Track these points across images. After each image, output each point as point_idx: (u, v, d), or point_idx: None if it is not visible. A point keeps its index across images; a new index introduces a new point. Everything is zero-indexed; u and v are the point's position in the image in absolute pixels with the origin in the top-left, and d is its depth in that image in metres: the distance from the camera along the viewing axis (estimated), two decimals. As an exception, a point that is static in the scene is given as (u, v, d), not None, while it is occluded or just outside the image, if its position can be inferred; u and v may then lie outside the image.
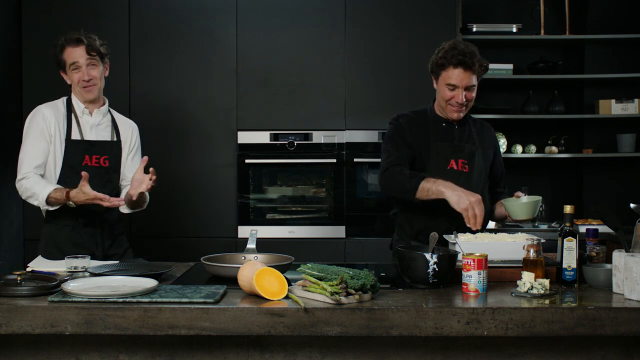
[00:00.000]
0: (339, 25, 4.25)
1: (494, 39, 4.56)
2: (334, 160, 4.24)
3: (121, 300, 2.00)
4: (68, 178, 2.86)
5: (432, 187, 2.61)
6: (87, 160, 2.89)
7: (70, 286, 2.08)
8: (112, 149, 2.98)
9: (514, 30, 4.55)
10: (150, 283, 2.14)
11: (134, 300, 2.01)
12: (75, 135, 2.91)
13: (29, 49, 4.22)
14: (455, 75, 2.70)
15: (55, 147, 2.87)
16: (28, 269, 2.47)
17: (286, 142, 4.24)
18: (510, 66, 4.58)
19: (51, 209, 2.83)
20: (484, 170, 2.84)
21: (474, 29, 4.50)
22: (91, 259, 2.76)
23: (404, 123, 2.86)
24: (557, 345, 2.09)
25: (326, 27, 4.25)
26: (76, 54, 2.88)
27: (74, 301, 2.00)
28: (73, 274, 2.39)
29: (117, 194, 2.98)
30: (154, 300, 2.01)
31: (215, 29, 4.25)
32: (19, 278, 2.14)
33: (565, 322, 1.96)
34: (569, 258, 2.26)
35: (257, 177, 4.28)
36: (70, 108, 2.94)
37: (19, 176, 2.85)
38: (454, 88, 2.72)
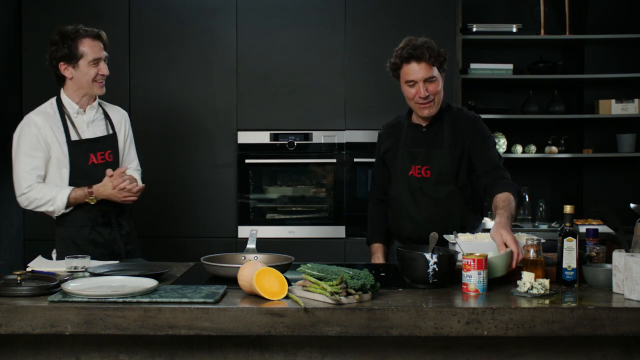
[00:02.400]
0: (339, 25, 4.25)
1: (494, 39, 4.57)
2: (334, 160, 4.24)
3: (121, 300, 2.01)
4: (78, 180, 2.85)
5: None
6: (92, 158, 2.88)
7: (70, 286, 2.08)
8: (112, 142, 2.96)
9: (514, 30, 4.55)
10: (150, 283, 2.14)
11: (134, 300, 2.01)
12: (73, 137, 2.87)
13: (29, 49, 4.22)
14: (410, 70, 2.67)
15: (57, 153, 2.83)
16: (28, 269, 2.47)
17: (286, 142, 4.24)
18: (510, 66, 4.58)
19: (65, 211, 2.83)
20: (449, 172, 2.74)
21: (474, 29, 4.50)
22: (113, 257, 2.85)
23: (382, 133, 2.97)
24: (557, 345, 2.09)
25: (326, 27, 4.25)
26: (97, 48, 2.84)
27: (74, 301, 2.00)
28: (73, 274, 2.39)
29: None
30: (154, 300, 2.01)
31: (215, 29, 4.25)
32: (19, 278, 2.14)
33: (565, 322, 1.96)
34: (569, 258, 2.25)
35: (257, 177, 4.28)
36: (61, 109, 2.88)
37: (22, 189, 2.80)
38: (414, 84, 2.68)
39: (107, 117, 2.99)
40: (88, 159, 2.87)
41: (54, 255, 2.92)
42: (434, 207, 2.76)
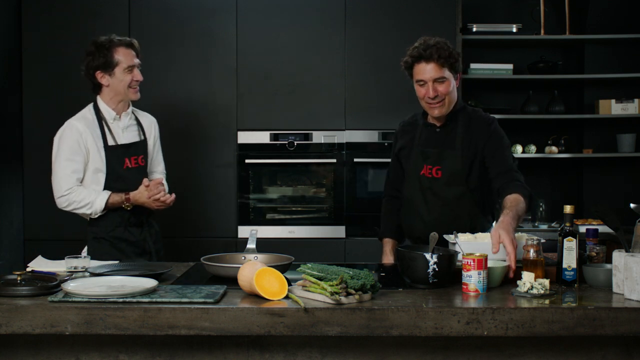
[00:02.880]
0: (339, 25, 4.25)
1: (494, 39, 4.57)
2: (334, 160, 4.23)
3: (121, 300, 2.01)
4: (113, 183, 2.98)
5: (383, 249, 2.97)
6: (127, 162, 3.02)
7: (70, 286, 2.08)
8: (143, 147, 3.10)
9: (514, 30, 4.55)
10: (150, 283, 2.14)
11: (134, 300, 2.01)
12: (110, 142, 3.00)
13: (29, 49, 4.22)
14: (420, 70, 2.69)
15: (95, 158, 2.96)
16: (28, 269, 2.47)
17: (286, 142, 4.24)
18: (510, 66, 4.58)
19: (101, 214, 2.96)
20: (460, 174, 2.74)
21: (474, 29, 4.50)
22: (144, 255, 3.00)
23: (398, 131, 2.98)
24: (557, 345, 2.09)
25: (326, 27, 4.25)
26: (131, 56, 3.00)
27: (74, 301, 2.00)
28: (73, 274, 2.39)
29: None
30: (154, 300, 2.01)
31: (215, 29, 4.25)
32: (19, 278, 2.14)
33: (565, 322, 1.96)
34: (569, 258, 2.25)
35: (257, 177, 4.28)
36: (98, 115, 3.02)
37: (62, 191, 2.93)
38: (423, 84, 2.69)
39: (138, 123, 3.13)
40: (123, 163, 3.01)
41: (83, 254, 2.95)
42: (443, 208, 2.77)
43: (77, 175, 2.94)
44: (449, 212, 2.76)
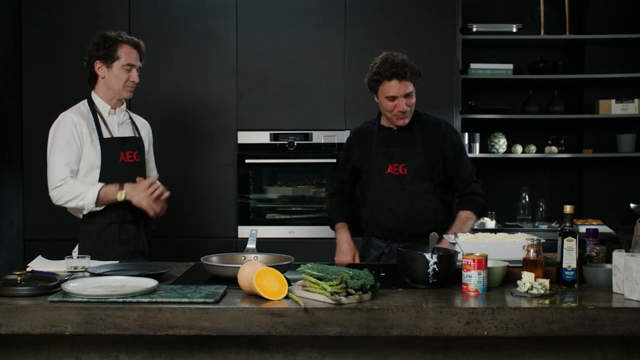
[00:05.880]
0: (339, 25, 4.25)
1: (494, 39, 4.56)
2: (334, 160, 4.23)
3: (121, 300, 2.01)
4: (108, 175, 2.93)
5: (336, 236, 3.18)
6: (122, 156, 2.98)
7: (70, 286, 2.08)
8: (139, 144, 3.08)
9: (514, 30, 4.55)
10: (150, 283, 2.14)
11: (134, 300, 2.01)
12: (106, 134, 2.97)
13: (29, 49, 4.22)
14: (392, 87, 2.87)
15: (89, 152, 2.92)
16: (28, 269, 2.48)
17: (286, 142, 4.24)
18: (510, 66, 4.58)
19: (95, 208, 2.89)
20: (424, 169, 2.98)
21: (474, 29, 4.50)
22: (137, 255, 2.94)
23: (352, 138, 3.17)
24: (557, 345, 2.09)
25: (326, 27, 4.25)
26: (134, 56, 2.98)
27: (74, 301, 2.00)
28: (73, 274, 2.39)
29: None
30: (154, 300, 2.01)
31: (215, 29, 4.25)
32: (19, 278, 2.15)
33: (565, 322, 1.96)
34: (569, 258, 2.26)
35: (257, 177, 4.28)
36: (93, 109, 3.00)
37: (55, 182, 2.87)
38: (394, 99, 2.90)
39: (133, 122, 3.12)
40: (119, 156, 2.97)
41: (74, 254, 2.92)
42: (411, 201, 2.99)
43: (70, 167, 2.88)
44: (417, 205, 2.98)
